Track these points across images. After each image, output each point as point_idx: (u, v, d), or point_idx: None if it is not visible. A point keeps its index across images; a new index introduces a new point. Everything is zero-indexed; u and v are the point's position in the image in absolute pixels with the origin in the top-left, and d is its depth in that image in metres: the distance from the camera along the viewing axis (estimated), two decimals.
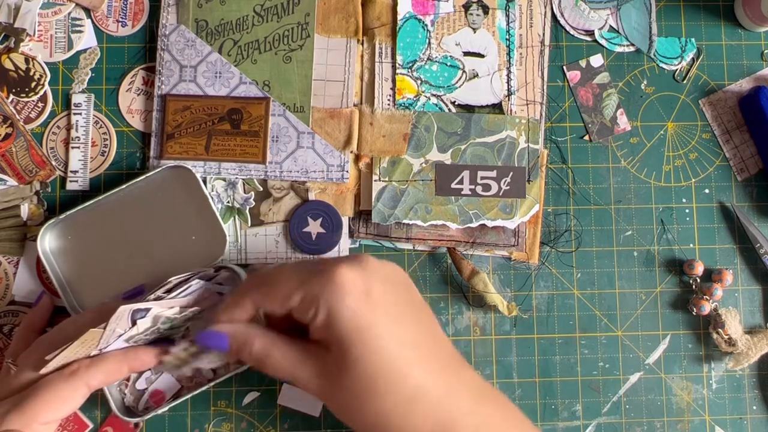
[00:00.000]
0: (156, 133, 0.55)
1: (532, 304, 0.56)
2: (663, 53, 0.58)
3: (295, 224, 0.54)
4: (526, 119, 0.55)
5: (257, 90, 0.55)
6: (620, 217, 0.57)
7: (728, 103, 0.58)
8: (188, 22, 0.55)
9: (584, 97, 0.58)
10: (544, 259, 0.56)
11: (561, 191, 0.57)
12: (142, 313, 0.45)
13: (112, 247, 0.53)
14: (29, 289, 0.54)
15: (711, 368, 0.56)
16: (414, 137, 0.55)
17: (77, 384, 0.45)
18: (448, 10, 0.56)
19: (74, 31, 0.56)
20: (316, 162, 0.54)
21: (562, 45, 0.58)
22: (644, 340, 0.56)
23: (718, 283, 0.55)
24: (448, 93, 0.56)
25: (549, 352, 0.55)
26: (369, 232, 0.55)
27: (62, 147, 0.55)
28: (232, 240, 0.54)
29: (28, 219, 0.54)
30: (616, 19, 0.58)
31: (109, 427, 0.53)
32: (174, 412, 0.53)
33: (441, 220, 0.54)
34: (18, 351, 0.49)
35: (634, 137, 0.58)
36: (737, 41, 0.59)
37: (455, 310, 0.56)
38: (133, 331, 0.46)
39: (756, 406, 0.56)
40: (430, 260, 0.56)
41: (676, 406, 0.56)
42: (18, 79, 0.55)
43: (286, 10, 0.55)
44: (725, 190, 0.57)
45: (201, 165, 0.54)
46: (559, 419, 0.55)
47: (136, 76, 0.56)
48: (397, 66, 0.55)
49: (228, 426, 0.54)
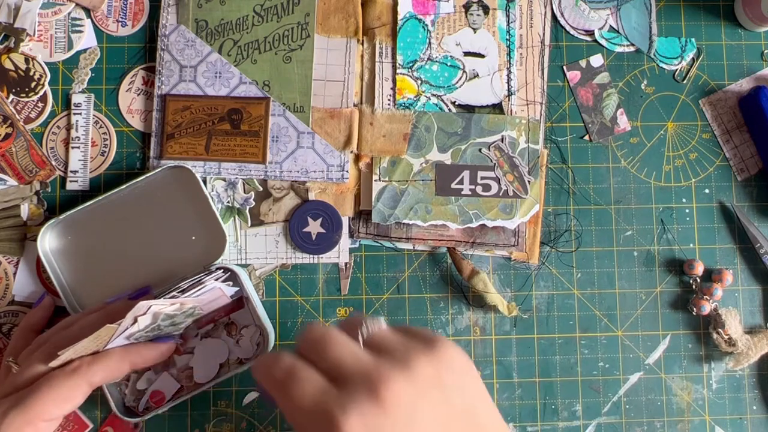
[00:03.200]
0: (156, 133, 0.55)
1: (532, 304, 0.56)
2: (663, 53, 0.58)
3: (295, 224, 0.54)
4: (526, 119, 0.55)
5: (257, 90, 0.55)
6: (620, 217, 0.57)
7: (728, 103, 0.58)
8: (188, 22, 0.55)
9: (584, 97, 0.58)
10: (544, 259, 0.56)
11: (561, 191, 0.57)
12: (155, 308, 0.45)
13: (112, 247, 0.53)
14: (29, 289, 0.54)
15: (711, 368, 0.56)
16: (414, 137, 0.55)
17: (79, 381, 0.45)
18: (448, 10, 0.56)
19: (74, 31, 0.56)
20: (316, 162, 0.54)
21: (562, 45, 0.58)
22: (644, 340, 0.56)
23: (718, 283, 0.55)
24: (449, 93, 0.56)
25: (549, 352, 0.55)
26: (369, 232, 0.55)
27: (62, 147, 0.55)
28: (232, 240, 0.54)
29: (28, 219, 0.54)
30: (616, 19, 0.58)
31: (109, 427, 0.53)
32: (174, 412, 0.53)
33: (441, 220, 0.54)
34: (17, 349, 0.49)
35: (634, 137, 0.58)
36: (737, 41, 0.59)
37: (455, 310, 0.56)
38: (134, 328, 0.46)
39: (756, 406, 0.56)
40: (430, 260, 0.56)
41: (676, 406, 0.56)
42: (18, 79, 0.55)
43: (286, 10, 0.55)
44: (725, 190, 0.57)
45: (201, 165, 0.54)
46: (559, 419, 0.55)
47: (136, 76, 0.56)
48: (398, 66, 0.55)
49: (228, 426, 0.54)
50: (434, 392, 0.37)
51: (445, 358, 0.38)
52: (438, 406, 0.37)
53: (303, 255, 0.55)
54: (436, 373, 0.37)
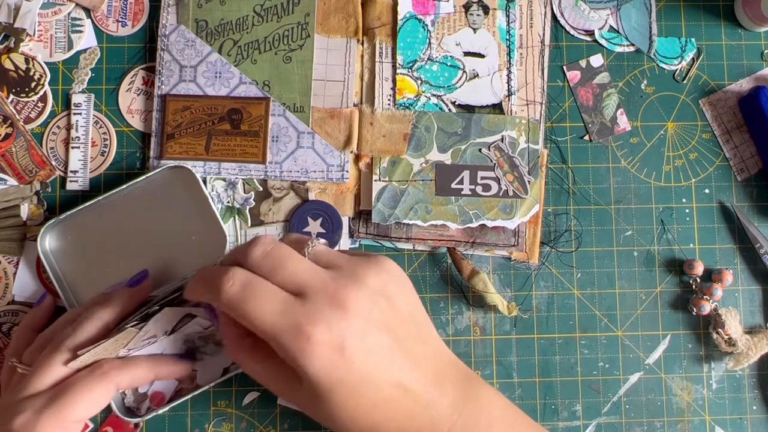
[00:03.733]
0: (156, 133, 0.55)
1: (532, 304, 0.56)
2: (663, 53, 0.58)
3: (295, 224, 0.54)
4: (526, 119, 0.55)
5: (257, 90, 0.55)
6: (620, 217, 0.57)
7: (728, 103, 0.58)
8: (188, 22, 0.55)
9: (584, 97, 0.58)
10: (544, 259, 0.56)
11: (561, 191, 0.57)
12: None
13: (112, 248, 0.53)
14: (29, 289, 0.54)
15: (711, 368, 0.56)
16: (414, 137, 0.55)
17: (108, 385, 0.46)
18: (448, 10, 0.56)
19: (74, 31, 0.56)
20: (316, 162, 0.54)
21: (562, 45, 0.58)
22: (644, 340, 0.56)
23: (718, 283, 0.55)
24: (449, 93, 0.56)
25: (549, 352, 0.55)
26: (369, 232, 0.55)
27: (62, 147, 0.55)
28: (232, 240, 0.54)
29: (28, 219, 0.54)
30: (616, 19, 0.58)
31: (109, 427, 0.53)
32: (174, 412, 0.53)
33: (441, 220, 0.54)
34: (19, 349, 0.49)
35: (634, 137, 0.58)
36: (737, 41, 0.59)
37: (455, 310, 0.56)
38: (152, 331, 0.46)
39: (756, 406, 0.56)
40: (430, 260, 0.56)
41: (676, 406, 0.56)
42: (18, 79, 0.55)
43: (286, 10, 0.55)
44: (725, 190, 0.57)
45: (201, 165, 0.54)
46: (559, 419, 0.55)
47: (136, 76, 0.56)
48: (398, 66, 0.55)
49: (228, 426, 0.54)
50: (382, 299, 0.41)
51: (388, 270, 0.43)
52: (386, 312, 0.41)
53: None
54: (382, 283, 0.42)
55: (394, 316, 0.42)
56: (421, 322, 0.44)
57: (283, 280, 0.41)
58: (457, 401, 0.43)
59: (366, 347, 0.40)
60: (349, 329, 0.39)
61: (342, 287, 0.40)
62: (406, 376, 0.41)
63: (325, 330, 0.39)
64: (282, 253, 0.42)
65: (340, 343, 0.39)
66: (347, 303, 0.40)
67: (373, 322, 0.41)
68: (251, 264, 0.42)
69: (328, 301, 0.40)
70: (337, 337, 0.39)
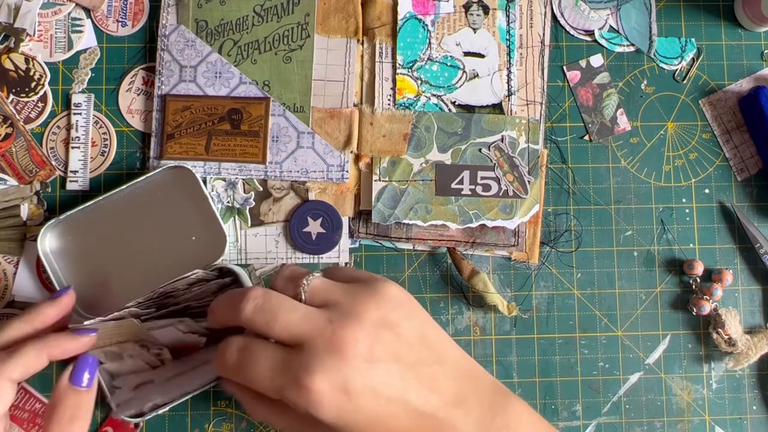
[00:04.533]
0: (156, 133, 0.55)
1: (532, 304, 0.56)
2: (663, 53, 0.58)
3: (295, 224, 0.54)
4: (526, 119, 0.55)
5: (257, 90, 0.55)
6: (620, 217, 0.57)
7: (728, 103, 0.58)
8: (188, 22, 0.55)
9: (584, 97, 0.58)
10: (544, 259, 0.56)
11: (561, 191, 0.57)
12: None
13: (112, 248, 0.53)
14: (29, 289, 0.54)
15: (711, 368, 0.56)
16: (414, 137, 0.55)
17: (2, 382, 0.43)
18: (448, 10, 0.56)
19: (74, 31, 0.56)
20: (316, 162, 0.54)
21: (562, 45, 0.58)
22: (644, 340, 0.56)
23: (718, 283, 0.55)
24: (449, 93, 0.56)
25: (549, 352, 0.55)
26: (369, 232, 0.55)
27: (62, 147, 0.55)
28: (232, 240, 0.54)
29: (28, 219, 0.54)
30: (616, 19, 0.58)
31: (109, 427, 0.53)
32: (174, 412, 0.53)
33: (441, 220, 0.54)
34: None
35: (634, 137, 0.58)
36: (737, 41, 0.59)
37: (455, 310, 0.56)
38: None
39: (756, 406, 0.56)
40: (430, 260, 0.56)
41: (676, 406, 0.56)
42: (18, 79, 0.55)
43: (286, 10, 0.55)
44: (725, 190, 0.57)
45: (201, 165, 0.54)
46: (559, 419, 0.55)
47: (136, 76, 0.56)
48: (398, 66, 0.55)
49: (228, 426, 0.54)
50: (385, 332, 0.40)
51: (388, 298, 0.42)
52: (392, 343, 0.40)
53: (303, 255, 0.55)
54: (383, 313, 0.41)
55: (401, 344, 0.41)
56: (434, 340, 0.43)
57: (279, 333, 0.40)
58: (483, 418, 0.42)
59: (372, 385, 0.39)
60: (350, 371, 0.39)
61: (339, 329, 0.40)
62: (422, 402, 0.40)
63: (324, 378, 0.38)
64: (273, 305, 0.41)
65: (343, 386, 0.38)
66: (345, 345, 0.39)
67: (378, 357, 0.40)
68: (245, 322, 0.41)
69: (326, 347, 0.39)
70: (338, 382, 0.38)
